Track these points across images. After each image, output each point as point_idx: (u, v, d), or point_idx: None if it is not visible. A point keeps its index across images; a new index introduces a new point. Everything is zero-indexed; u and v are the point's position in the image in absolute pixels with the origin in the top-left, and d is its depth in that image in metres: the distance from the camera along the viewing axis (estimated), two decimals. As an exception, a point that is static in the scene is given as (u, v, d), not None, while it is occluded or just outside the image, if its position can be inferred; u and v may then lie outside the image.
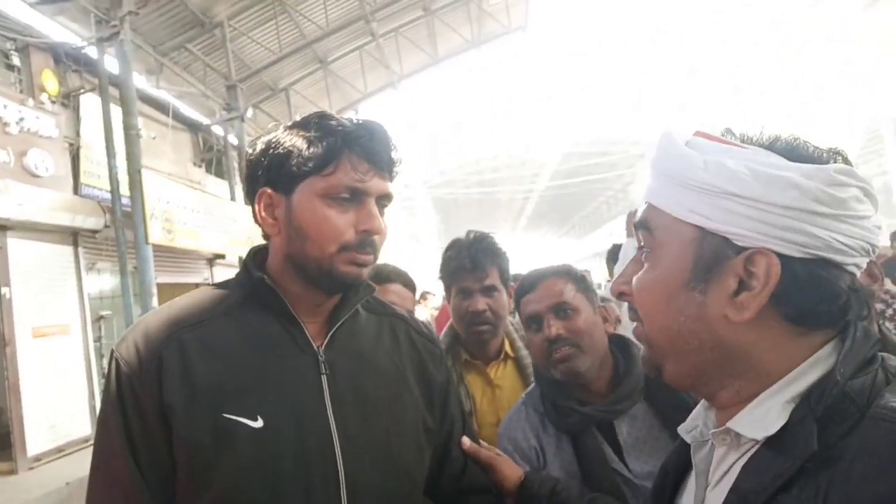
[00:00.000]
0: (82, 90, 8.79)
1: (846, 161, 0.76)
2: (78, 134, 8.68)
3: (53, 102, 8.37)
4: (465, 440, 1.44)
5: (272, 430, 1.10)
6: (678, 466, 0.93)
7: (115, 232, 8.36)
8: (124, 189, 8.17)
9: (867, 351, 0.73)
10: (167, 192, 9.16)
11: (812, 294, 0.72)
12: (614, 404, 1.58)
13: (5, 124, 7.49)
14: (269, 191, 1.20)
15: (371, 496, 1.16)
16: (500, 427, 1.77)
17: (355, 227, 1.16)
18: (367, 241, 1.18)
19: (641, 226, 0.85)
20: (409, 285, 2.11)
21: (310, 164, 1.15)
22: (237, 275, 1.27)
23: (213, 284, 1.28)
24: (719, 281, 0.75)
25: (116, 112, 8.25)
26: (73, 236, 8.37)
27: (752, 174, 0.73)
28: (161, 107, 10.98)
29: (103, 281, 9.11)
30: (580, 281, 1.71)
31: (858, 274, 0.76)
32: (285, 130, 1.20)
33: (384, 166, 1.20)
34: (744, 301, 0.73)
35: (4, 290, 7.17)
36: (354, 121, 1.20)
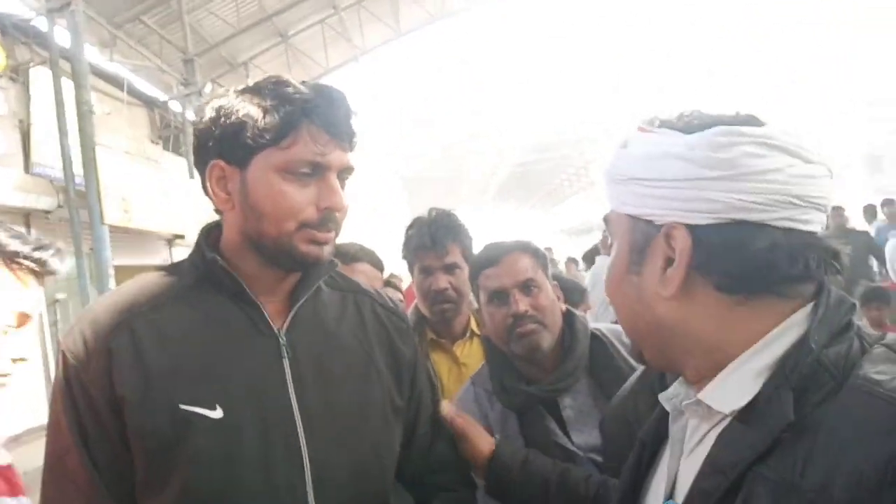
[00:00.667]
0: (31, 63, 8.45)
1: (753, 121, 0.77)
2: (28, 110, 8.35)
3: (0, 77, 8.03)
4: (445, 404, 1.43)
5: (232, 419, 1.05)
6: (655, 437, 0.94)
7: (69, 212, 8.10)
8: (78, 167, 7.87)
9: (841, 317, 0.73)
10: (123, 170, 8.89)
11: (731, 258, 0.74)
12: (558, 382, 1.61)
13: (-51, 100, 7.17)
14: (221, 163, 1.11)
15: (338, 483, 1.11)
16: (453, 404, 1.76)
17: (316, 204, 1.09)
18: (328, 217, 1.11)
19: (605, 222, 0.92)
20: (377, 264, 2.07)
21: (266, 136, 1.07)
22: (190, 255, 1.19)
23: (165, 266, 1.21)
24: (650, 261, 0.80)
25: (68, 87, 7.92)
26: (25, 217, 8.11)
27: (646, 156, 0.79)
28: (115, 81, 10.62)
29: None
30: (542, 258, 1.71)
31: (816, 227, 0.75)
32: (238, 96, 1.11)
33: (345, 137, 1.12)
34: (669, 276, 0.77)
35: (-48, 273, 6.91)
36: (312, 87, 1.11)
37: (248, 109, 1.08)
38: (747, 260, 0.73)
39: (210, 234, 1.20)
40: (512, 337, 1.61)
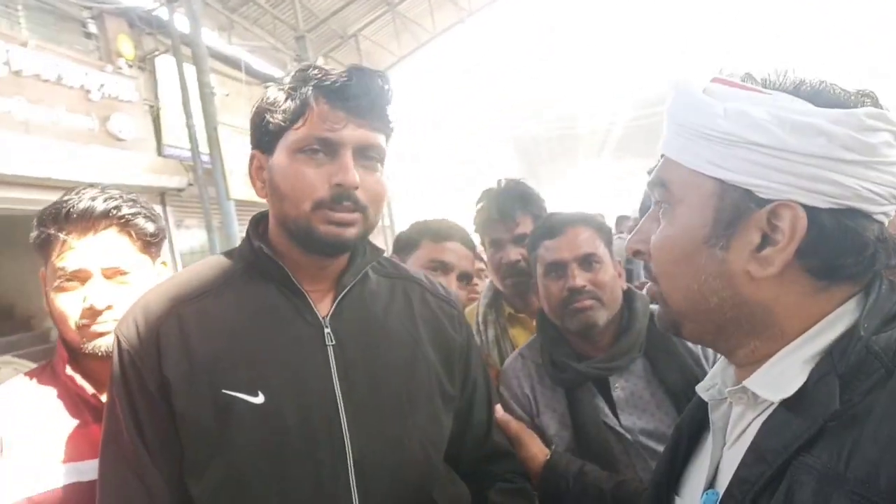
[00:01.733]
0: (157, 52, 9.01)
1: (876, 104, 0.70)
2: (156, 96, 8.94)
3: (131, 66, 8.63)
4: (499, 409, 1.40)
5: (274, 405, 1.04)
6: (693, 426, 0.91)
7: (199, 189, 8.62)
8: (204, 147, 8.37)
9: (893, 305, 0.69)
10: (246, 147, 9.28)
11: (839, 246, 0.69)
12: (610, 361, 1.53)
13: (87, 91, 7.78)
14: (257, 153, 1.13)
15: (382, 471, 1.09)
16: (500, 373, 1.73)
17: (328, 182, 1.05)
18: (342, 195, 1.06)
19: (657, 182, 0.80)
20: (468, 243, 1.93)
21: (285, 120, 1.07)
22: (241, 243, 1.20)
23: (219, 255, 1.23)
24: (742, 236, 0.71)
25: (191, 72, 8.40)
26: (161, 196, 8.70)
27: (777, 121, 0.68)
28: (234, 63, 11.13)
29: (192, 237, 9.48)
30: (606, 233, 1.63)
31: (887, 223, 0.71)
32: (270, 87, 1.12)
33: (365, 113, 1.08)
34: (768, 256, 0.70)
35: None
36: (346, 69, 1.09)
37: (275, 96, 1.08)
38: (854, 249, 0.69)
39: (259, 224, 1.20)
40: (567, 311, 1.54)
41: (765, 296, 0.72)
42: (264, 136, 1.09)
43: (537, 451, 1.40)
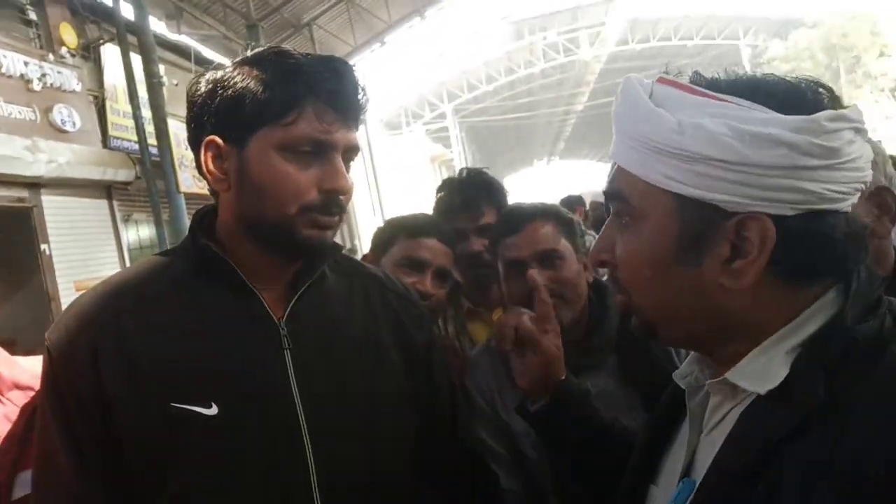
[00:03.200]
0: (101, 41, 8.74)
1: (833, 98, 0.70)
2: (101, 86, 8.67)
3: (74, 55, 8.33)
4: (525, 320, 1.21)
5: (228, 417, 0.99)
6: (670, 413, 0.90)
7: (147, 183, 8.39)
8: (152, 139, 8.14)
9: (873, 292, 0.70)
10: (196, 139, 9.10)
11: (809, 250, 0.68)
12: (581, 358, 1.46)
13: (28, 81, 7.49)
14: (217, 140, 1.04)
15: (346, 479, 1.06)
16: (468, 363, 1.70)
17: (318, 186, 1.02)
18: (332, 201, 1.03)
19: (614, 195, 0.78)
20: (447, 239, 1.82)
21: (266, 112, 1.00)
22: (183, 241, 1.14)
23: (158, 255, 1.16)
24: (711, 249, 0.70)
25: (138, 61, 8.14)
26: (107, 189, 8.47)
27: (736, 134, 0.66)
28: (183, 52, 10.84)
29: (141, 231, 9.26)
30: (567, 225, 1.58)
31: (851, 209, 0.70)
32: (236, 69, 1.04)
33: (351, 115, 1.05)
34: (740, 268, 0.69)
35: (44, 246, 7.33)
36: (318, 59, 1.04)
37: (248, 83, 1.01)
38: (825, 250, 0.68)
39: (204, 219, 1.13)
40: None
41: (740, 305, 0.71)
42: (234, 125, 1.02)
43: (557, 369, 1.21)
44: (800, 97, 0.69)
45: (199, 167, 1.08)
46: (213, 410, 0.99)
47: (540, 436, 1.32)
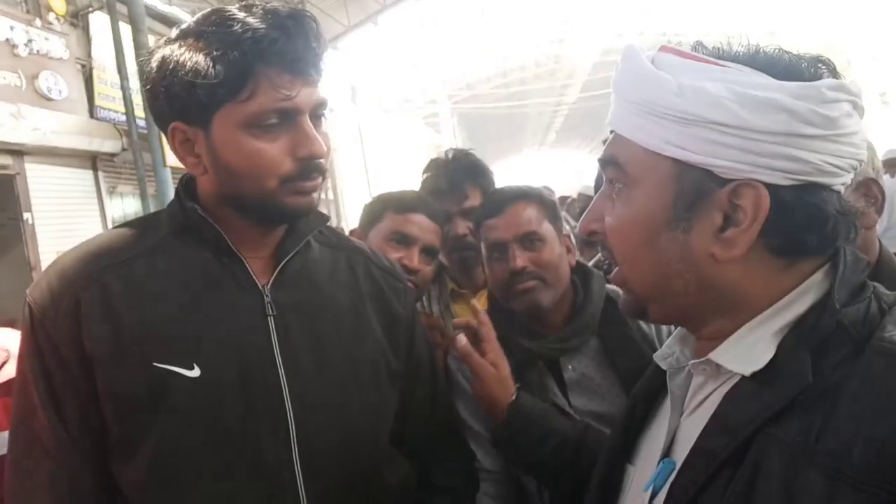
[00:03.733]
0: (90, 8, 8.58)
1: (833, 71, 0.70)
2: (89, 55, 8.54)
3: (62, 22, 8.19)
4: (461, 339, 1.33)
5: (210, 379, 0.99)
6: (649, 394, 0.90)
7: (133, 155, 8.28)
8: (140, 111, 8.03)
9: (858, 277, 0.70)
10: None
11: (801, 223, 0.68)
12: (563, 341, 1.49)
13: (14, 46, 7.37)
14: (181, 125, 1.01)
15: (325, 446, 1.06)
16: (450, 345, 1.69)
17: (293, 154, 0.99)
18: (310, 166, 1.01)
19: (609, 160, 0.77)
20: (435, 216, 1.81)
21: (220, 91, 0.94)
22: (169, 204, 1.11)
23: (144, 217, 1.14)
24: (703, 218, 0.70)
25: (127, 31, 8.01)
26: (92, 160, 8.37)
27: (736, 98, 0.66)
28: (173, 24, 10.51)
29: (125, 204, 9.15)
30: (550, 208, 1.58)
31: (843, 190, 0.71)
32: (180, 45, 0.97)
33: (310, 69, 0.99)
34: (731, 237, 0.69)
35: (27, 215, 7.25)
36: (262, 15, 0.96)
37: (196, 60, 0.94)
38: (816, 225, 0.68)
39: (189, 184, 1.11)
40: (511, 293, 1.51)
41: (730, 277, 0.71)
42: (192, 108, 0.98)
43: (499, 390, 1.31)
44: (800, 67, 0.69)
45: (173, 152, 1.05)
46: (196, 372, 0.98)
47: (504, 456, 1.35)
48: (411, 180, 2.38)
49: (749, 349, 0.69)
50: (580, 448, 1.23)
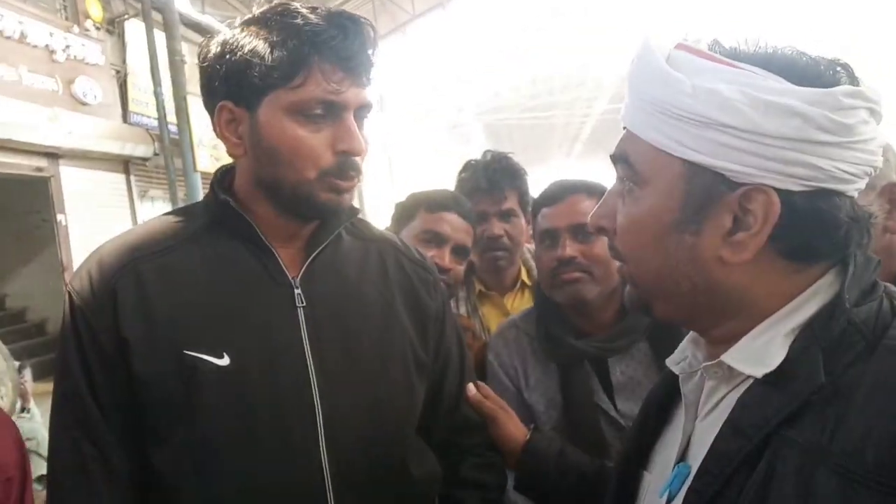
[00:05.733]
0: (126, 16, 8.77)
1: (851, 75, 0.68)
2: (124, 61, 8.71)
3: (98, 29, 8.39)
4: (471, 389, 1.33)
5: (240, 368, 1.00)
6: (662, 399, 0.90)
7: (164, 160, 8.42)
8: (172, 117, 8.17)
9: (869, 276, 0.69)
10: (216, 119, 9.15)
11: (812, 229, 0.67)
12: (611, 341, 1.46)
13: (52, 52, 7.55)
14: (229, 105, 1.03)
15: (353, 439, 1.06)
16: (490, 339, 1.68)
17: (332, 148, 1.01)
18: (348, 163, 1.03)
19: (621, 157, 0.76)
20: (467, 216, 1.79)
21: (274, 75, 0.97)
22: (205, 197, 1.14)
23: (179, 209, 1.17)
24: (713, 220, 0.69)
25: (161, 38, 8.17)
26: (125, 164, 8.52)
27: (750, 102, 0.65)
28: (206, 32, 10.81)
29: (156, 208, 9.28)
30: None
31: (857, 195, 0.69)
32: (243, 30, 1.01)
33: (361, 71, 1.02)
34: (741, 241, 0.68)
35: (60, 217, 7.39)
36: (324, 16, 1.00)
37: (255, 45, 0.98)
38: (828, 231, 0.67)
39: (225, 176, 1.13)
40: (554, 283, 1.48)
41: (738, 280, 0.70)
42: (244, 89, 1.00)
43: (514, 430, 1.31)
44: (818, 72, 0.67)
45: (215, 132, 1.07)
46: (226, 361, 1.00)
47: (524, 495, 1.33)
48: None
49: (760, 351, 0.68)
50: (599, 484, 1.20)
